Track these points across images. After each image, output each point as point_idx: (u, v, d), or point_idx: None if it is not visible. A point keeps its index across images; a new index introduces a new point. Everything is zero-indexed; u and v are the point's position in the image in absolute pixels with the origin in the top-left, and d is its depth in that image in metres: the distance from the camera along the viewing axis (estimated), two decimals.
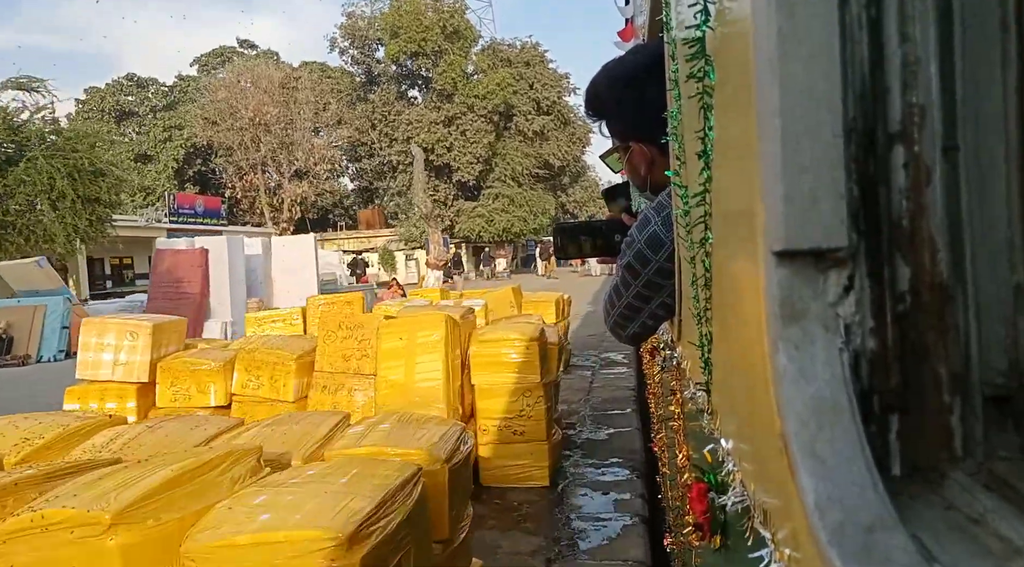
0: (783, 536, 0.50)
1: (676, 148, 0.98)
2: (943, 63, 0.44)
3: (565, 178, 49.31)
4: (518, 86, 42.56)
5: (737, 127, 0.58)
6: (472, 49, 42.11)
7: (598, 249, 1.59)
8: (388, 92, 42.82)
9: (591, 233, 1.60)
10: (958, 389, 0.45)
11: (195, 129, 40.68)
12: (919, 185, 0.45)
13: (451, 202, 41.93)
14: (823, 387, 0.44)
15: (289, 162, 41.04)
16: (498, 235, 40.52)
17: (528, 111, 43.72)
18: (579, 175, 51.88)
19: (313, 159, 41.40)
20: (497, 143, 42.39)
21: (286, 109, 40.61)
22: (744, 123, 0.53)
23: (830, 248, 0.44)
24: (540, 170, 44.39)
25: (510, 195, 41.28)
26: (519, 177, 42.70)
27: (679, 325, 1.12)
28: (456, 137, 40.84)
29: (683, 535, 1.50)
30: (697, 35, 0.71)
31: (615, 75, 1.42)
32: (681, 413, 1.38)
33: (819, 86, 0.44)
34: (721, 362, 0.78)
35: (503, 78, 41.02)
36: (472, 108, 40.59)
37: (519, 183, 42.66)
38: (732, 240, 0.65)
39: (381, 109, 42.38)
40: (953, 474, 0.44)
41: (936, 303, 0.45)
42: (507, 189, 41.67)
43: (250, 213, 43.02)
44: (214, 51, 49.50)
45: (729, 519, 0.81)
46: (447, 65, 40.34)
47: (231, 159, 41.10)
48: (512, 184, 42.15)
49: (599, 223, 1.61)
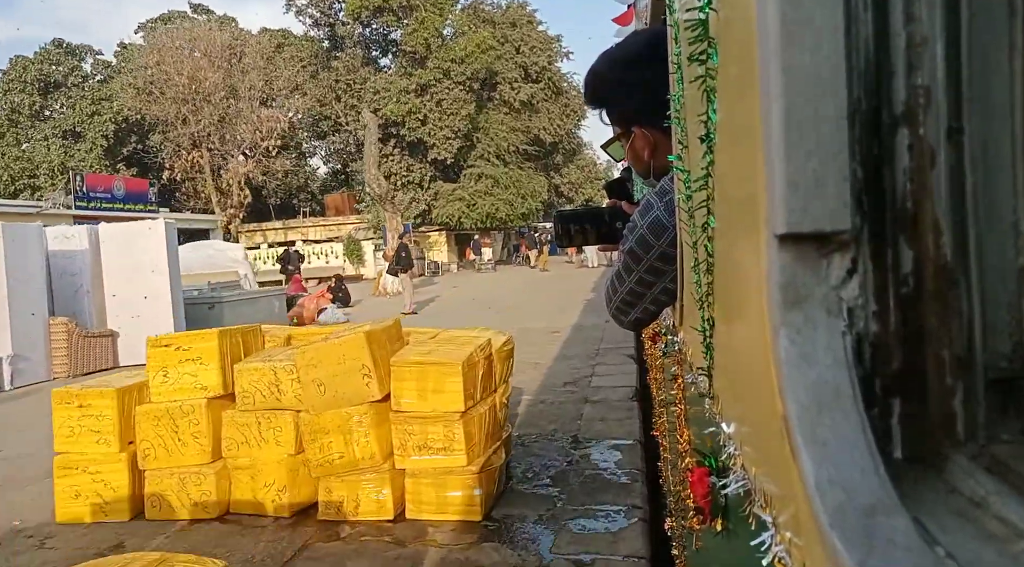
0: (784, 519, 0.50)
1: (678, 132, 0.98)
2: (949, 44, 0.44)
3: (558, 156, 43.25)
4: (502, 50, 36.38)
5: (740, 110, 0.57)
6: (449, 7, 35.00)
7: (599, 237, 1.58)
8: (354, 58, 35.42)
9: (592, 220, 1.59)
10: (961, 373, 0.45)
11: (125, 100, 34.63)
12: (923, 168, 0.45)
13: (427, 184, 35.69)
14: (825, 371, 0.44)
15: (232, 137, 35.45)
16: (481, 221, 34.82)
17: (514, 78, 37.37)
18: (574, 153, 45.52)
19: (260, 133, 34.82)
20: (479, 116, 35.66)
21: (228, 76, 34.85)
22: (747, 106, 0.52)
23: (833, 231, 0.44)
24: (529, 147, 38.33)
25: (494, 175, 35.13)
26: (504, 155, 36.41)
27: (681, 310, 1.12)
28: (430, 108, 34.06)
29: (684, 519, 1.51)
30: (700, 17, 0.70)
31: (616, 58, 1.41)
32: (683, 398, 1.39)
33: (823, 68, 0.43)
34: (723, 346, 0.77)
35: (483, 39, 34.21)
36: (448, 74, 33.83)
37: (505, 162, 36.41)
38: (735, 224, 0.65)
39: (345, 77, 35.22)
40: (955, 458, 0.44)
41: (939, 287, 0.45)
42: (491, 168, 35.50)
43: (194, 198, 37.02)
44: (161, 16, 41.80)
45: (730, 503, 0.81)
46: (418, 23, 33.58)
47: (169, 136, 35.08)
48: (497, 163, 36.03)
49: (600, 210, 1.60)
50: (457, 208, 34.54)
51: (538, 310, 14.31)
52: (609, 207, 1.58)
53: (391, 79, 34.78)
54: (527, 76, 38.27)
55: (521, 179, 36.39)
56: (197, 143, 35.14)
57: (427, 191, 35.69)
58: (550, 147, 41.09)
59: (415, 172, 35.68)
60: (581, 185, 45.10)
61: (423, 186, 35.74)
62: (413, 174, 35.59)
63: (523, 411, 6.38)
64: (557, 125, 39.66)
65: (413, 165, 35.75)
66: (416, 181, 35.56)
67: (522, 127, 37.72)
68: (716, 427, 0.79)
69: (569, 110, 40.05)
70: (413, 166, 35.74)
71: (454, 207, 34.63)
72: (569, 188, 45.21)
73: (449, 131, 34.23)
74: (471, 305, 16.53)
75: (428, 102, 34.11)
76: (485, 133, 36.17)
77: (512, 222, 36.47)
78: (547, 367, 8.24)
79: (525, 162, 38.41)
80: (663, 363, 2.26)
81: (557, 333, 10.94)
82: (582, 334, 10.70)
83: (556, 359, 8.77)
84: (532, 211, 36.59)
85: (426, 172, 35.83)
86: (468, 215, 34.59)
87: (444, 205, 34.86)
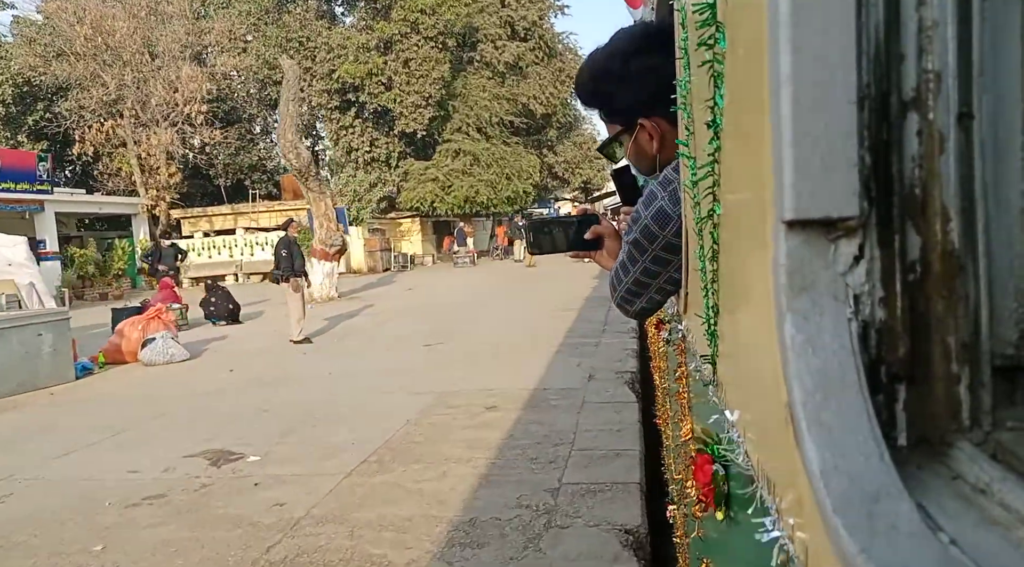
0: (787, 505, 0.50)
1: (685, 118, 0.97)
2: (960, 29, 0.43)
3: (551, 131, 35.25)
4: (484, 2, 30.16)
5: (748, 95, 0.57)
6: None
7: (570, 244, 1.59)
8: (307, 9, 29.53)
9: (563, 227, 1.61)
10: (966, 360, 0.44)
11: (20, 58, 27.60)
12: (932, 154, 0.44)
13: (395, 161, 29.80)
14: (830, 357, 0.44)
15: (158, 103, 28.37)
16: (458, 206, 28.88)
17: (497, 36, 30.62)
18: (570, 127, 37.74)
19: (181, 96, 27.79)
20: (455, 80, 29.59)
21: (145, 26, 27.98)
22: (755, 91, 0.52)
23: (841, 217, 0.44)
24: (516, 118, 31.52)
25: (474, 152, 29.12)
26: (487, 128, 30.19)
27: (685, 298, 1.12)
28: (396, 69, 28.02)
29: (685, 507, 1.51)
30: (708, 1, 0.70)
31: (617, 49, 1.38)
32: (686, 385, 1.39)
33: (833, 52, 0.43)
34: (728, 333, 0.77)
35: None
36: (416, 27, 27.62)
37: (487, 136, 30.20)
38: (741, 210, 0.64)
39: (299, 33, 28.53)
40: (960, 444, 0.44)
41: (947, 273, 0.45)
42: (470, 144, 29.39)
43: (116, 177, 29.84)
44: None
45: (733, 490, 0.82)
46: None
47: (83, 102, 27.81)
48: (477, 137, 29.95)
49: (572, 218, 1.63)
50: (429, 190, 28.47)
51: (510, 346, 8.59)
52: (580, 215, 1.61)
53: (348, 34, 28.46)
54: (514, 34, 31.39)
55: (506, 157, 30.14)
56: (115, 110, 28.15)
57: (395, 170, 29.85)
58: (542, 120, 33.74)
59: (380, 147, 29.68)
60: (578, 165, 37.56)
61: (390, 164, 29.91)
62: (378, 150, 29.66)
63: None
64: (550, 94, 32.41)
65: (377, 139, 29.57)
66: (382, 158, 29.77)
67: (507, 95, 31.02)
68: (719, 414, 0.79)
69: (564, 76, 32.71)
70: (378, 140, 29.59)
71: (426, 189, 28.50)
72: (564, 168, 37.45)
73: (419, 97, 28.14)
74: (405, 330, 10.86)
75: (393, 62, 28.04)
76: (463, 101, 30.09)
77: (496, 207, 30.19)
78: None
79: (512, 137, 31.81)
80: (666, 351, 2.26)
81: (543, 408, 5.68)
82: (600, 417, 5.26)
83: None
84: (520, 194, 30.34)
85: (394, 148, 29.79)
86: (442, 199, 28.64)
87: (415, 187, 28.73)
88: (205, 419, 6.18)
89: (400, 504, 3.85)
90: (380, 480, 4.27)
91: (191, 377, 8.34)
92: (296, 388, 7.23)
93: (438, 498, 3.89)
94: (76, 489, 4.54)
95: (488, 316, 11.86)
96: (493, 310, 12.64)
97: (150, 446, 5.43)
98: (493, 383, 6.67)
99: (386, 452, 4.83)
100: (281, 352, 9.69)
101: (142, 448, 5.38)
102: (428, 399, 6.21)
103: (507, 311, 12.34)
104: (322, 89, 28.85)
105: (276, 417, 6.05)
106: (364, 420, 5.69)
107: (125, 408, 6.89)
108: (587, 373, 6.80)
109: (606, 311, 10.63)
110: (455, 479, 4.17)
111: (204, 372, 8.62)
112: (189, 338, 10.83)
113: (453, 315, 12.25)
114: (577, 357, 7.61)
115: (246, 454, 5.01)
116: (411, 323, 11.65)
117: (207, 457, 5.03)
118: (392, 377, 7.31)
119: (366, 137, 29.71)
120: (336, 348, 9.81)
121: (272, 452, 5.04)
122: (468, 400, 6.11)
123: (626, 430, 4.91)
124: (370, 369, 7.96)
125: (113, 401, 7.35)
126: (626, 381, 6.41)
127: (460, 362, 7.90)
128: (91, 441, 5.70)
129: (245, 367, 8.64)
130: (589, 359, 7.47)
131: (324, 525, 3.66)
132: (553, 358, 7.71)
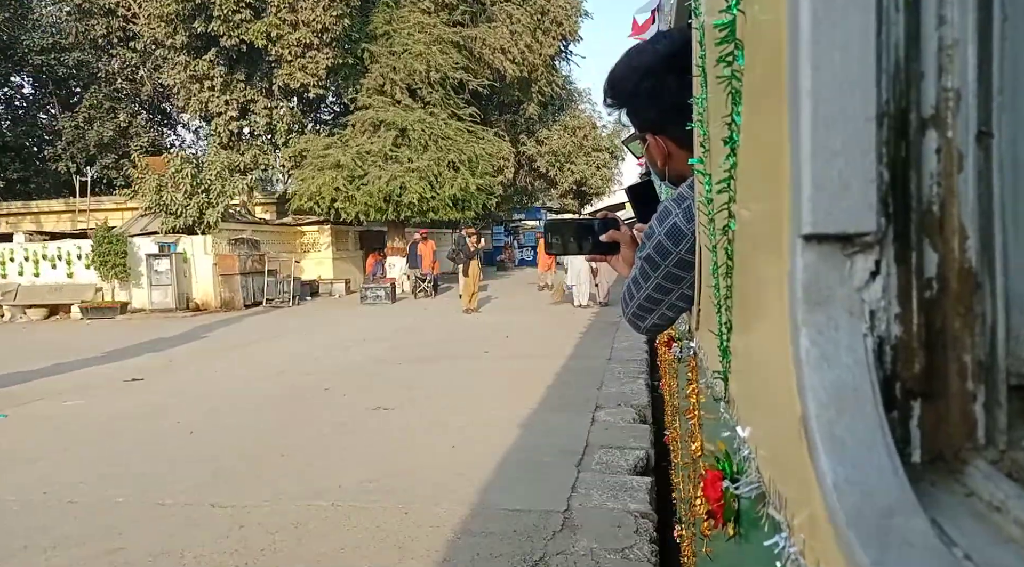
0: (799, 521, 0.50)
1: (700, 135, 0.98)
2: (980, 47, 0.43)
3: (531, 108, 23.78)
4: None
5: (766, 111, 0.57)
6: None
7: (590, 247, 1.59)
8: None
9: (583, 230, 1.60)
10: (982, 377, 0.44)
11: None
12: (950, 171, 0.44)
13: (283, 135, 20.03)
14: (845, 372, 0.44)
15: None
16: (375, 209, 18.45)
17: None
18: (560, 105, 26.57)
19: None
20: (375, 11, 19.49)
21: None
22: (773, 107, 0.52)
23: (858, 232, 0.44)
24: (473, 80, 20.35)
25: (402, 124, 18.77)
26: (423, 88, 19.45)
27: (698, 315, 1.12)
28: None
29: (694, 526, 1.50)
30: (727, 19, 0.70)
31: (634, 65, 1.42)
32: (697, 402, 1.38)
33: (852, 68, 0.43)
34: (741, 350, 0.77)
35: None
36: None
37: (424, 101, 19.58)
38: (757, 226, 0.65)
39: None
40: (975, 462, 0.43)
41: (964, 291, 0.45)
42: (396, 112, 18.93)
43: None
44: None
45: (743, 506, 0.81)
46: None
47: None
48: (412, 105, 19.35)
49: (592, 220, 1.62)
50: (329, 181, 17.85)
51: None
52: (602, 219, 1.60)
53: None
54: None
55: (455, 136, 19.33)
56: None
57: (281, 151, 20.06)
58: (517, 90, 22.31)
59: (259, 114, 19.79)
60: (570, 156, 26.89)
61: (274, 140, 20.21)
62: (256, 117, 19.97)
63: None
64: (526, 47, 21.08)
65: (254, 98, 19.58)
66: (260, 130, 20.07)
67: (458, 40, 19.94)
68: (731, 431, 0.79)
69: (549, 22, 21.77)
70: (254, 100, 19.59)
71: (324, 180, 17.84)
72: (550, 160, 26.17)
73: (309, 33, 18.19)
74: None
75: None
76: (386, 46, 19.42)
77: (435, 213, 19.13)
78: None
79: (464, 107, 20.52)
80: (677, 369, 2.25)
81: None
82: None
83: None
84: (472, 194, 19.32)
85: (281, 114, 19.90)
86: (350, 196, 18.12)
87: (312, 177, 18.09)
88: None
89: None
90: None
91: None
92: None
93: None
94: None
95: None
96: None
97: None
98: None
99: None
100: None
101: None
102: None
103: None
104: (155, 13, 18.19)
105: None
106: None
107: None
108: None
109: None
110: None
111: None
112: None
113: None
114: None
115: None
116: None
117: None
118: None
119: (234, 94, 19.55)
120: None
121: None
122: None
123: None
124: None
125: None
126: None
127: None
128: None
129: None
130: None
131: None
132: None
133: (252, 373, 8.60)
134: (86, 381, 8.27)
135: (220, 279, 17.06)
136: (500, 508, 3.81)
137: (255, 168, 20.41)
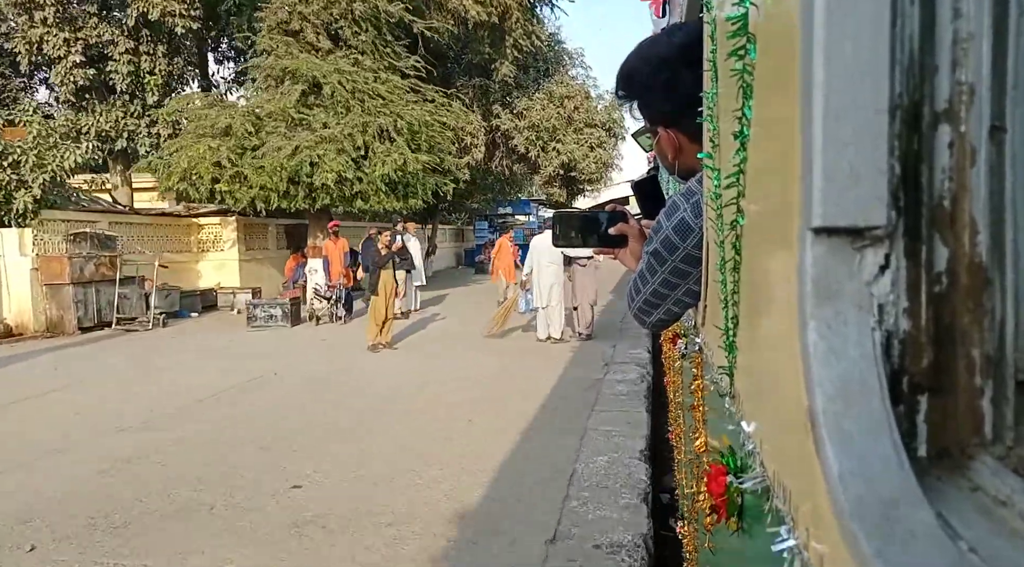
0: (803, 514, 0.50)
1: (710, 129, 0.97)
2: (995, 42, 0.43)
3: (504, 67, 18.47)
4: None
5: (777, 105, 0.57)
6: None
7: (597, 240, 1.58)
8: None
9: (591, 223, 1.59)
10: (990, 373, 0.44)
11: None
12: (963, 166, 0.44)
13: (156, 91, 15.72)
14: (852, 366, 0.44)
15: None
16: (276, 193, 12.95)
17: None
18: (545, 68, 21.63)
19: None
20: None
21: None
22: (785, 100, 0.52)
23: (868, 226, 0.44)
24: (418, 21, 15.02)
25: (315, 76, 13.40)
26: (345, 28, 14.05)
27: (704, 310, 1.12)
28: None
29: (696, 520, 1.50)
30: (740, 12, 0.70)
31: (646, 56, 1.41)
32: (701, 398, 1.38)
33: (865, 61, 0.43)
34: (747, 345, 0.77)
35: None
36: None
37: (349, 46, 14.20)
38: (765, 220, 0.64)
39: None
40: (981, 457, 0.43)
41: (973, 286, 0.44)
42: (306, 60, 13.49)
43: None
44: None
45: (746, 501, 0.81)
46: None
47: None
48: (327, 48, 14.13)
49: (600, 213, 1.61)
50: (206, 153, 12.70)
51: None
52: (610, 212, 1.59)
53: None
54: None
55: (390, 95, 14.06)
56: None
57: (155, 112, 15.21)
58: (487, 45, 17.66)
59: (121, 61, 15.04)
60: (555, 133, 21.68)
61: (143, 96, 15.59)
62: (116, 64, 15.10)
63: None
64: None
65: (112, 39, 14.86)
66: (124, 80, 15.18)
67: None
68: (735, 426, 0.79)
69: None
70: (112, 42, 14.88)
71: (199, 151, 12.69)
72: (530, 138, 21.09)
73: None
74: None
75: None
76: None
77: (366, 201, 13.76)
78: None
79: (404, 56, 15.09)
80: (681, 365, 2.25)
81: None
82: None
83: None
84: (419, 179, 14.16)
85: (153, 62, 15.33)
86: (238, 176, 13.05)
87: (189, 147, 12.88)
88: None
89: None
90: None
91: None
92: None
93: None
94: None
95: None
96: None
97: None
98: None
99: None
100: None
101: None
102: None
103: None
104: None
105: None
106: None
107: None
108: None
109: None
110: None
111: None
112: None
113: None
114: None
115: None
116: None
117: None
118: None
119: (77, 32, 14.62)
120: None
121: None
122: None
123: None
124: None
125: None
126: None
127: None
128: None
129: None
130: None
131: None
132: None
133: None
134: None
135: (44, 291, 12.08)
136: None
137: (117, 137, 15.33)
